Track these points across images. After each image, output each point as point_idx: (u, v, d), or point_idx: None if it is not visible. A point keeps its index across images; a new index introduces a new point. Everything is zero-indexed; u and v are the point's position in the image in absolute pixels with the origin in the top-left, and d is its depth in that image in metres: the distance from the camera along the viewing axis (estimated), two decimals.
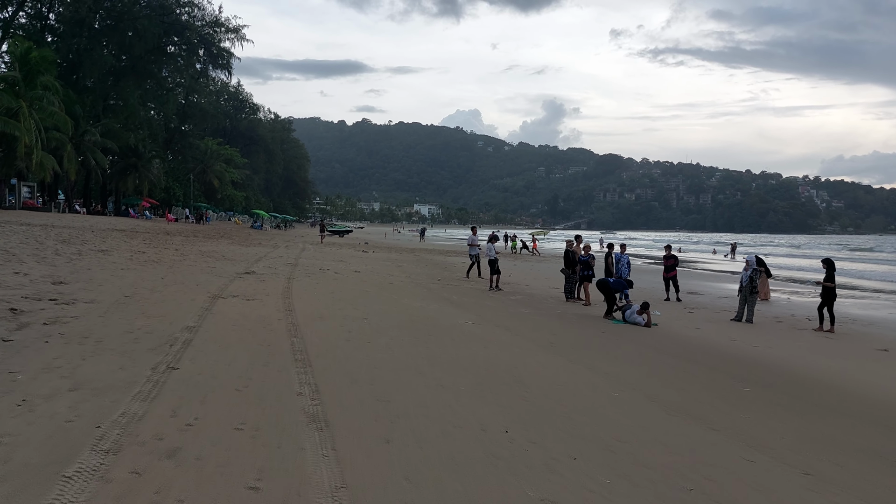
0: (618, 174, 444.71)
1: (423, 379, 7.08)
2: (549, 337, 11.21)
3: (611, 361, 9.35)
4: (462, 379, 7.24)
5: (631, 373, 8.64)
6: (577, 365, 8.82)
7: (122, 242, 23.92)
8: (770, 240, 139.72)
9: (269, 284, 15.52)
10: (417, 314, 12.65)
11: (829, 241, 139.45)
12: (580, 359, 9.30)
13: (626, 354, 10.15)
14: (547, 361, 8.93)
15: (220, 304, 11.25)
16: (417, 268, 27.94)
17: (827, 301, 14.39)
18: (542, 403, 6.48)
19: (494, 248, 20.71)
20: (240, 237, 43.07)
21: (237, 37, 71.35)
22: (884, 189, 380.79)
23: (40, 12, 61.57)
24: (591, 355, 9.74)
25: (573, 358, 9.31)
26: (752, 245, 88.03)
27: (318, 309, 11.91)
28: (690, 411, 6.75)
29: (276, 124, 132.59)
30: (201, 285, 13.81)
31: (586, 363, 9.01)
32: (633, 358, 9.87)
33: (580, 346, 10.53)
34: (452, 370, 7.66)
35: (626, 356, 10.00)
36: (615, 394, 7.25)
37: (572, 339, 11.20)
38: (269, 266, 21.41)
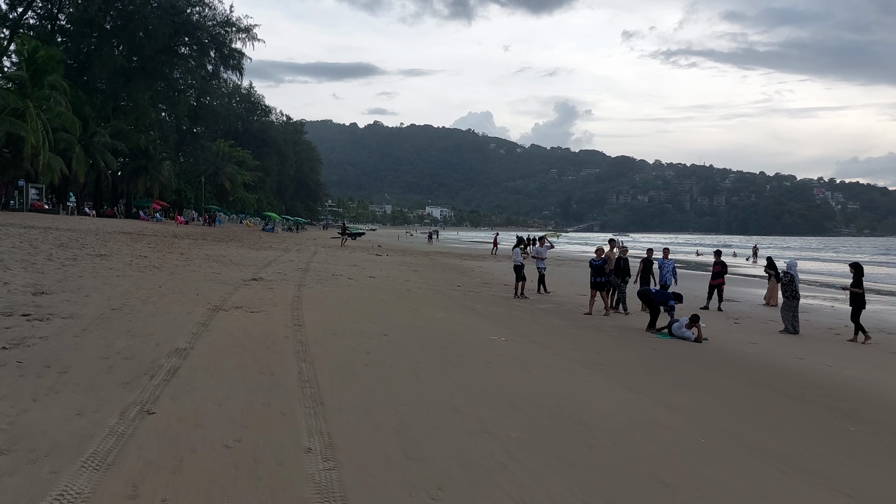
0: (630, 176, 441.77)
1: (463, 420, 5.68)
2: (594, 356, 9.77)
3: (676, 390, 7.90)
4: (509, 419, 5.83)
5: (706, 406, 7.18)
6: (639, 395, 7.38)
7: (125, 246, 22.70)
8: (788, 242, 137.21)
9: (278, 293, 14.18)
10: (442, 328, 11.25)
11: (849, 243, 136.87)
12: (640, 386, 7.86)
13: (689, 380, 8.69)
14: (603, 391, 7.50)
15: (220, 318, 9.90)
16: (434, 272, 26.55)
17: (856, 308, 13.36)
18: (616, 459, 5.05)
19: (520, 253, 19.23)
20: (250, 240, 41.88)
21: (248, 36, 70.33)
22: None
23: (51, 13, 60.79)
24: (651, 381, 8.29)
25: (632, 385, 7.87)
26: (770, 247, 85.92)
27: (330, 322, 10.53)
28: (807, 466, 5.29)
29: (288, 126, 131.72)
30: (202, 294, 12.48)
31: (649, 392, 7.56)
32: (699, 384, 8.42)
33: (633, 369, 9.08)
34: (496, 406, 6.25)
35: (691, 382, 8.54)
36: (702, 439, 5.81)
37: (622, 359, 9.75)
38: (279, 271, 20.10)
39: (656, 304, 13.42)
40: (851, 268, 14.11)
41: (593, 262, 15.89)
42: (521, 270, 18.57)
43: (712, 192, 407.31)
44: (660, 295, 13.73)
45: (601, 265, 15.77)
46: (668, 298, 13.63)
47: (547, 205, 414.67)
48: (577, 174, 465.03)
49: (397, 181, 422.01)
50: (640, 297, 13.67)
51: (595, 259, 15.98)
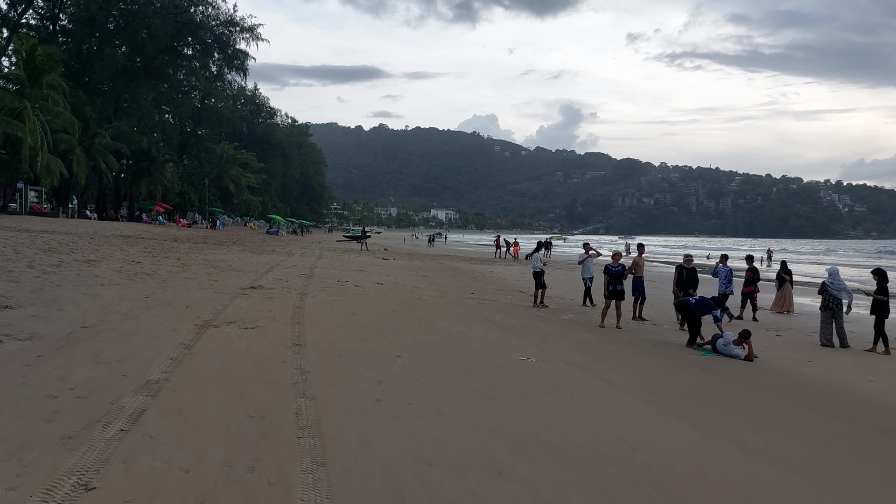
0: (636, 179, 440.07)
1: (508, 486, 4.33)
2: (641, 381, 8.41)
3: (752, 428, 6.53)
4: (570, 484, 4.48)
5: (800, 452, 5.82)
6: (715, 438, 6.02)
7: (118, 251, 21.44)
8: (796, 246, 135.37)
9: (278, 303, 12.86)
10: (462, 345, 9.91)
11: (866, 246, 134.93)
12: (711, 424, 6.49)
13: (761, 413, 7.32)
14: (668, 431, 6.13)
15: (208, 337, 8.57)
16: (445, 278, 25.21)
17: (879, 316, 12.42)
18: None
19: (540, 257, 17.83)
20: (253, 244, 40.62)
21: (252, 36, 69.18)
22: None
23: (52, 13, 59.73)
24: (718, 416, 6.93)
25: (701, 423, 6.50)
26: (785, 251, 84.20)
27: (335, 340, 9.20)
28: None
29: (293, 129, 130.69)
30: (193, 307, 11.16)
31: (723, 433, 6.20)
32: (775, 419, 7.04)
33: (691, 398, 7.72)
34: (546, 461, 4.90)
35: (764, 416, 7.17)
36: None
37: (673, 385, 8.38)
38: (281, 278, 18.79)
39: (697, 315, 12.02)
40: (875, 274, 13.17)
41: (611, 267, 14.44)
42: (541, 277, 17.20)
43: (718, 195, 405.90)
44: (702, 305, 12.27)
45: (620, 272, 14.37)
46: (710, 308, 12.15)
47: (552, 207, 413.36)
48: (582, 177, 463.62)
49: (402, 184, 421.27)
50: (679, 309, 12.27)
51: (612, 265, 14.54)
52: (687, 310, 12.13)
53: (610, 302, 14.21)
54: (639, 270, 15.68)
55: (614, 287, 14.18)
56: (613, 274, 14.30)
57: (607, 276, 14.34)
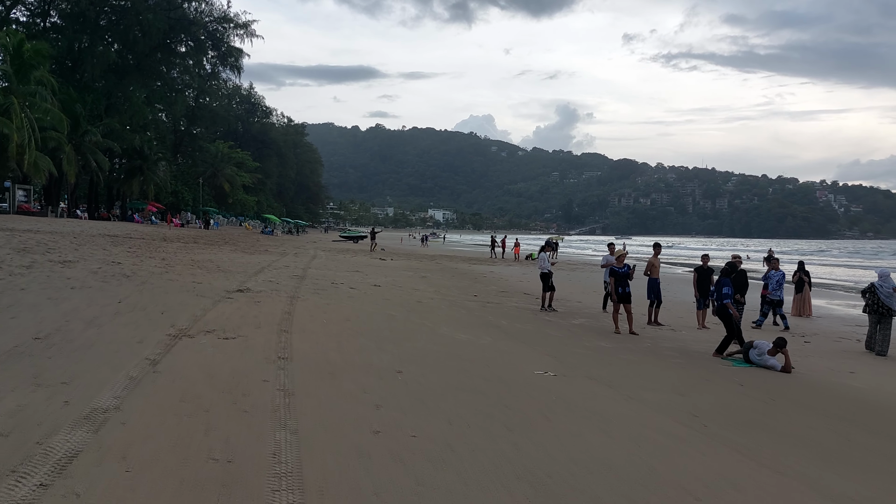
0: (633, 179, 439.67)
1: None
2: (677, 399, 7.32)
3: (828, 462, 5.44)
4: None
5: None
6: (788, 477, 4.93)
7: (100, 251, 20.27)
8: (793, 245, 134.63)
9: (265, 308, 11.74)
10: (470, 356, 8.81)
11: (868, 246, 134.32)
12: (775, 459, 5.40)
13: (828, 442, 6.23)
14: (729, 470, 5.03)
15: (179, 350, 7.45)
16: (445, 279, 24.11)
17: None
18: None
19: (548, 258, 16.71)
20: (246, 243, 39.45)
21: (246, 33, 67.99)
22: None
23: (43, 9, 58.44)
24: (783, 447, 5.83)
25: (763, 457, 5.41)
26: (779, 250, 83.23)
27: (327, 352, 8.10)
28: None
29: (289, 128, 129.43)
30: (169, 312, 10.04)
31: (795, 471, 5.12)
32: (848, 451, 5.96)
33: (742, 422, 6.62)
34: None
35: (833, 446, 6.09)
36: None
37: (715, 405, 7.29)
38: (271, 279, 17.67)
39: (735, 321, 10.86)
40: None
41: (617, 269, 13.38)
42: (548, 279, 16.11)
43: (715, 195, 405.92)
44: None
45: (626, 273, 13.32)
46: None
47: (549, 207, 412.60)
48: (578, 177, 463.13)
49: (399, 184, 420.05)
50: (720, 315, 11.09)
51: (618, 265, 13.47)
52: (726, 315, 10.91)
53: (619, 305, 13.16)
54: (654, 272, 14.61)
55: (623, 289, 13.14)
56: (620, 275, 13.27)
57: (613, 277, 13.30)
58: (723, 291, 10.71)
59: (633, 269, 13.59)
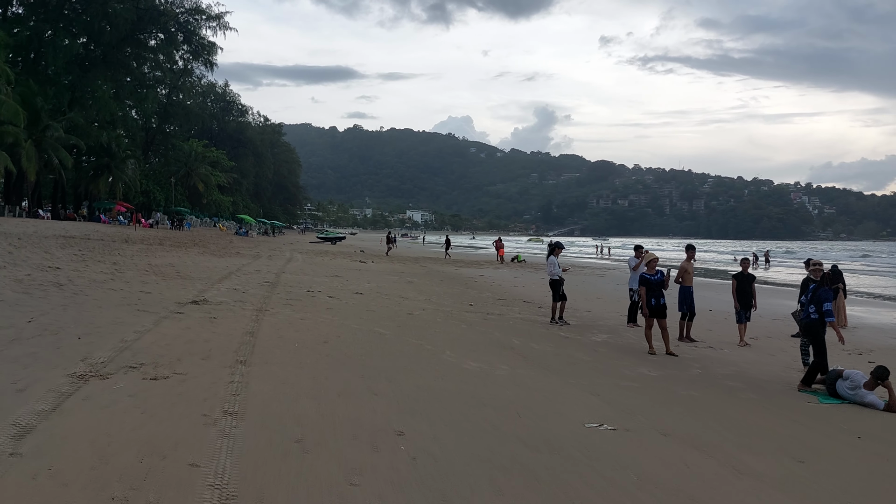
0: (611, 181, 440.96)
1: None
2: (802, 473, 5.12)
3: None
4: None
5: None
6: None
7: (41, 254, 17.67)
8: (768, 246, 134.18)
9: (222, 326, 9.38)
10: (491, 399, 6.53)
11: (830, 246, 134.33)
12: None
13: None
14: None
15: (75, 403, 5.06)
16: (434, 285, 21.80)
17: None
18: None
19: (558, 262, 14.44)
20: (217, 245, 36.81)
21: (219, 25, 65.18)
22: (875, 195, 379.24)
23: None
24: None
25: None
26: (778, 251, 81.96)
27: (296, 400, 5.77)
28: None
29: (266, 128, 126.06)
30: (89, 336, 7.63)
31: None
32: None
33: None
34: None
35: None
36: None
37: (861, 482, 5.09)
38: (237, 287, 15.25)
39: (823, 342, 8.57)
40: None
41: (648, 276, 11.13)
42: (559, 287, 13.89)
43: (692, 197, 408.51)
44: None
45: (660, 281, 11.07)
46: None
47: (528, 209, 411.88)
48: (557, 178, 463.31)
49: (378, 185, 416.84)
50: (807, 333, 8.82)
51: (649, 272, 11.24)
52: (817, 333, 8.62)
53: (652, 321, 10.93)
54: (687, 279, 12.42)
55: (656, 301, 10.91)
56: (652, 285, 11.00)
57: (644, 287, 11.03)
58: (824, 307, 8.44)
59: (668, 276, 11.35)
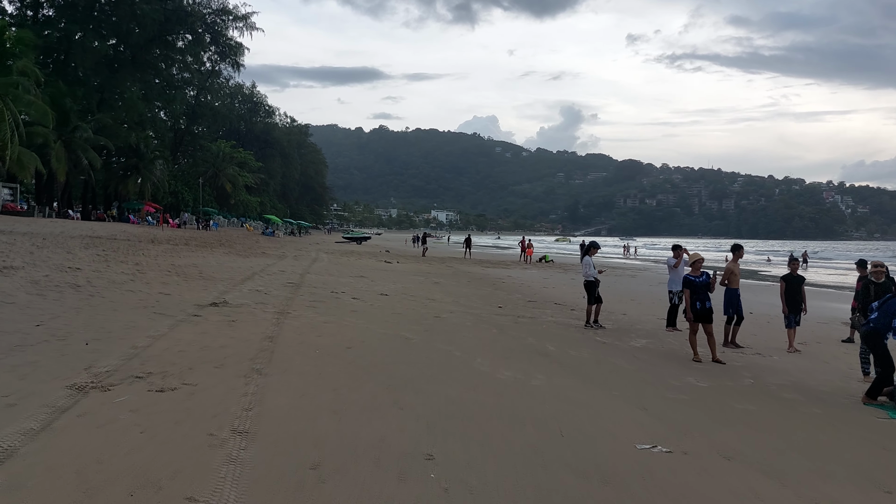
0: (638, 180, 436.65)
1: None
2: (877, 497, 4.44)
3: None
4: None
5: None
6: None
7: (63, 255, 17.42)
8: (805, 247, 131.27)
9: (240, 330, 8.89)
10: (530, 413, 5.92)
11: (863, 246, 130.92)
12: None
13: None
14: None
15: (69, 421, 4.54)
16: (461, 286, 21.21)
17: None
18: None
19: (593, 263, 13.73)
20: (243, 246, 36.62)
21: (245, 25, 65.29)
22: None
23: (35, 1, 55.64)
24: None
25: None
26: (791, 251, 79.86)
27: (314, 417, 5.20)
28: None
29: (293, 129, 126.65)
30: (98, 342, 7.17)
31: None
32: None
33: None
34: None
35: None
36: None
37: None
38: (259, 288, 14.81)
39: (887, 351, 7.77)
40: None
41: (692, 278, 10.37)
42: (595, 289, 13.19)
43: (721, 196, 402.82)
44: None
45: (706, 283, 10.29)
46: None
47: (554, 209, 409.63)
48: (584, 178, 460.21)
49: (403, 185, 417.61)
50: (869, 342, 7.99)
51: (693, 274, 10.49)
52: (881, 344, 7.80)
53: (697, 326, 10.20)
54: (734, 281, 11.65)
55: (701, 304, 10.16)
56: (697, 287, 10.24)
57: (689, 290, 10.28)
58: (893, 323, 7.58)
59: (714, 278, 10.58)
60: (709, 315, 10.16)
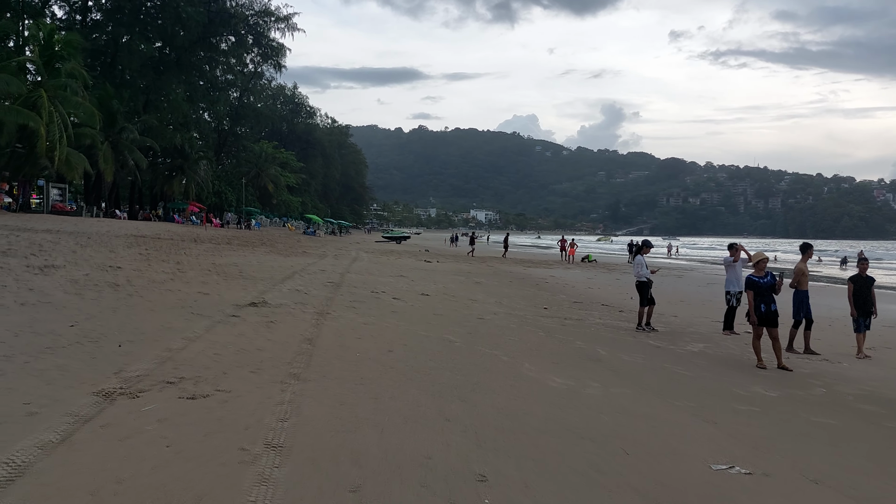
0: (681, 178, 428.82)
1: None
2: None
3: None
4: None
5: None
6: None
7: (106, 253, 17.46)
8: (854, 246, 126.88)
9: (279, 332, 8.56)
10: (586, 425, 5.42)
11: None
12: None
13: None
14: None
15: (90, 433, 4.20)
16: (503, 286, 20.70)
17: None
18: None
19: (645, 262, 13.10)
20: (284, 245, 36.69)
21: (287, 26, 65.68)
22: None
23: (84, 5, 56.88)
24: None
25: None
26: (833, 251, 77.02)
27: (356, 430, 4.80)
28: None
29: (334, 129, 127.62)
30: (132, 344, 6.90)
31: None
32: None
33: None
34: None
35: None
36: None
37: None
38: (300, 287, 14.55)
39: None
40: None
41: (756, 279, 9.65)
42: (647, 289, 12.58)
43: (767, 195, 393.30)
44: None
45: (771, 284, 9.58)
46: None
47: (595, 208, 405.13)
48: (625, 176, 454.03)
49: (442, 185, 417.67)
50: None
51: (757, 275, 9.79)
52: None
53: (761, 330, 9.52)
54: (803, 282, 10.91)
55: (766, 307, 9.47)
56: (761, 289, 9.55)
57: (752, 291, 9.60)
58: None
59: (781, 279, 9.87)
60: (774, 318, 9.47)
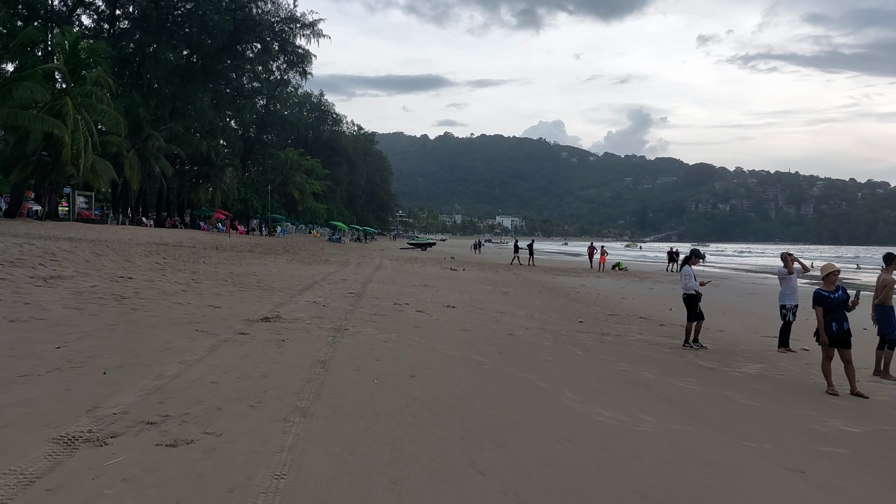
0: (710, 184, 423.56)
1: None
2: None
3: None
4: None
5: None
6: None
7: (120, 262, 16.83)
8: None
9: (289, 353, 7.71)
10: (652, 490, 4.45)
11: None
12: None
13: None
14: None
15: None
16: (531, 296, 19.71)
17: None
18: None
19: (694, 274, 12.01)
20: (307, 252, 36.10)
21: (313, 33, 65.36)
22: None
23: (112, 14, 57.13)
24: None
25: None
26: None
27: (365, 489, 3.89)
28: None
29: (359, 136, 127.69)
30: (121, 370, 6.09)
31: None
32: None
33: None
34: None
35: None
36: None
37: None
38: (318, 299, 13.72)
39: None
40: None
41: (826, 294, 8.46)
42: (695, 303, 11.53)
43: (799, 200, 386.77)
44: None
45: (843, 300, 8.44)
46: None
47: (622, 214, 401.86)
48: (653, 182, 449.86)
49: (467, 191, 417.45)
50: None
51: (827, 289, 8.59)
52: None
53: (832, 352, 8.40)
54: (887, 296, 9.69)
55: (838, 325, 8.34)
56: (832, 303, 8.41)
57: (821, 307, 8.47)
58: None
59: (857, 296, 8.71)
60: (847, 339, 8.37)
